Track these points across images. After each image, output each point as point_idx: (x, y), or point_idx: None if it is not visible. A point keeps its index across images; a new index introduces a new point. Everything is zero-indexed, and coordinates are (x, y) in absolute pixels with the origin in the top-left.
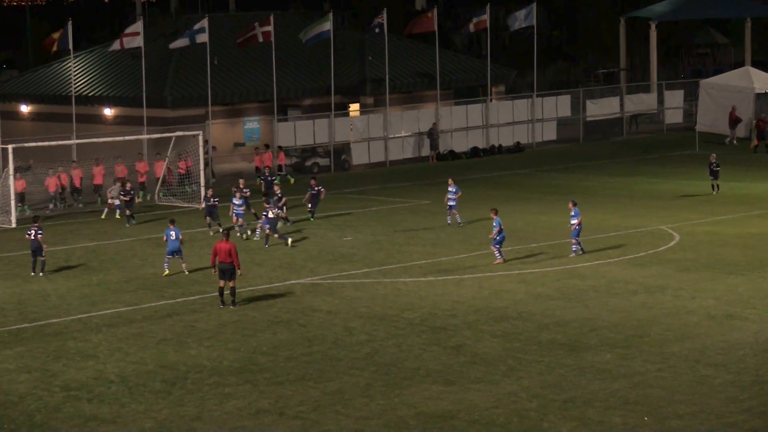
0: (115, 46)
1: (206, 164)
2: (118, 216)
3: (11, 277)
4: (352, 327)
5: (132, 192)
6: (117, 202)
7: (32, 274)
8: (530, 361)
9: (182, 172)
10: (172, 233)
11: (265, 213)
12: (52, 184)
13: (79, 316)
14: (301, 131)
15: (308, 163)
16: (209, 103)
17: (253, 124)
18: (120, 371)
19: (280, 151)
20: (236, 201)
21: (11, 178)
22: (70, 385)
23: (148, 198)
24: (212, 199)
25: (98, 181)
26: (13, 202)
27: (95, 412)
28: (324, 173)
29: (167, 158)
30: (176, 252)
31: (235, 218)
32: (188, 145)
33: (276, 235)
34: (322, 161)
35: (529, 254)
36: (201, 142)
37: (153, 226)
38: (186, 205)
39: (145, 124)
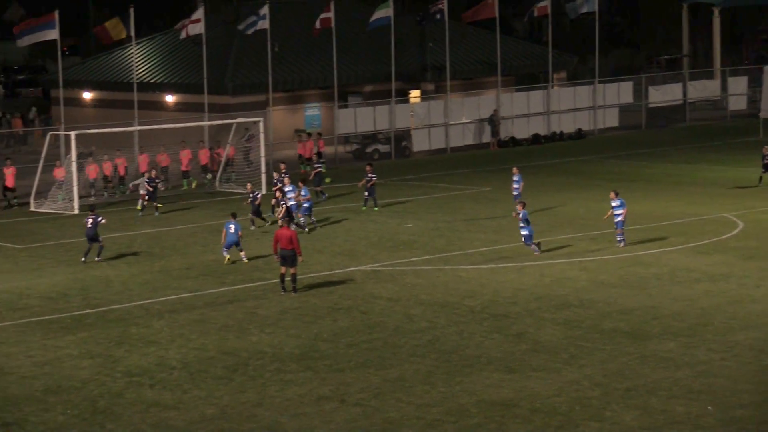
0: (183, 34)
1: (246, 153)
2: (138, 207)
3: (74, 263)
4: (413, 314)
5: (157, 181)
6: (143, 191)
7: (83, 259)
8: (592, 349)
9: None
10: (231, 227)
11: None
12: (92, 171)
13: (141, 302)
14: (361, 118)
15: (369, 149)
16: (270, 90)
17: (313, 110)
18: (182, 357)
19: (319, 138)
20: (287, 188)
21: (74, 164)
22: (133, 370)
23: (193, 186)
24: (251, 195)
25: (184, 166)
26: (75, 189)
27: (157, 398)
28: (384, 160)
29: (228, 145)
30: (235, 244)
31: (286, 210)
32: (229, 134)
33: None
34: (383, 148)
35: (592, 242)
36: (261, 129)
37: (214, 213)
38: (246, 192)
39: (206, 110)
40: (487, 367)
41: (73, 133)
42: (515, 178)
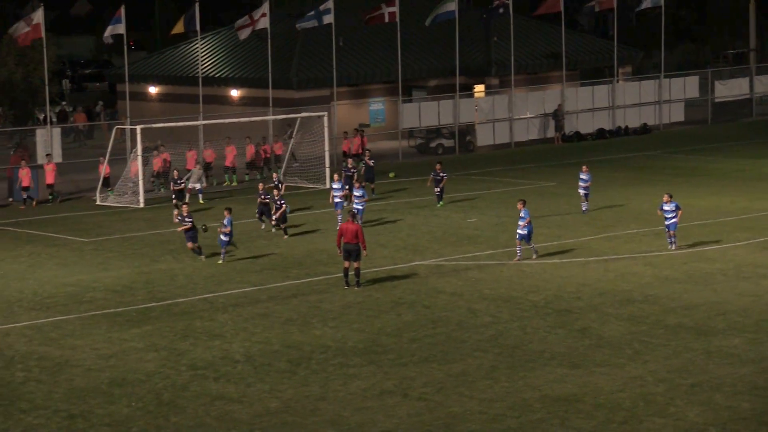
0: (244, 34)
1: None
2: (201, 201)
3: (139, 257)
4: (477, 309)
5: (180, 182)
6: (198, 186)
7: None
8: (657, 345)
9: (268, 155)
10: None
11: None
12: (157, 165)
13: (206, 295)
14: (425, 112)
15: (433, 144)
16: (334, 85)
17: (378, 105)
18: (246, 351)
19: (362, 135)
20: (335, 185)
21: (139, 158)
22: (197, 364)
23: (233, 183)
24: (262, 195)
25: (228, 162)
26: (141, 183)
27: (222, 391)
28: (448, 154)
29: (292, 139)
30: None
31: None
32: (288, 131)
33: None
34: (447, 142)
35: (656, 237)
36: (326, 124)
37: None
38: (311, 186)
39: (270, 105)
40: (550, 362)
41: (138, 127)
42: (584, 176)
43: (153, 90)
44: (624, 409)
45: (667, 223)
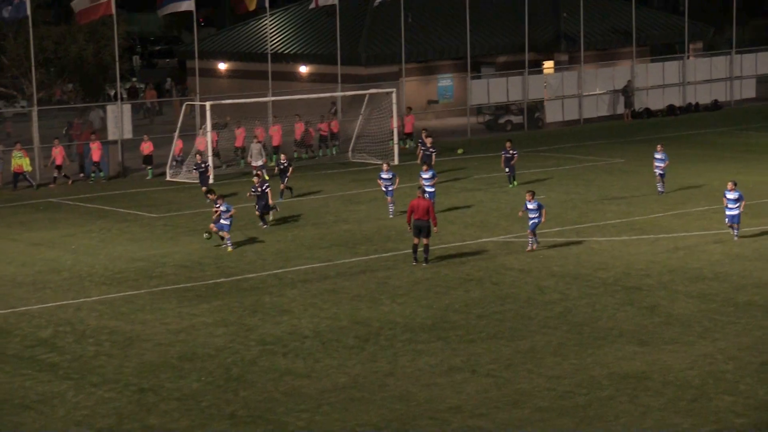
0: (311, 4)
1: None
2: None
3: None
4: (545, 286)
5: (204, 165)
6: (259, 162)
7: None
8: (726, 323)
9: (324, 133)
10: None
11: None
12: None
13: (275, 271)
14: (494, 89)
15: (501, 120)
16: (403, 61)
17: (446, 81)
18: (314, 326)
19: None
20: (384, 175)
21: (208, 134)
22: (266, 339)
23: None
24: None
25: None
26: (210, 159)
27: (290, 366)
28: (517, 131)
29: (360, 116)
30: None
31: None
32: (332, 108)
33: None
34: (516, 119)
35: None
36: (394, 100)
37: (346, 183)
38: (379, 162)
39: (339, 81)
40: (618, 339)
41: (208, 104)
42: (659, 156)
43: (222, 66)
44: (693, 386)
45: (729, 213)
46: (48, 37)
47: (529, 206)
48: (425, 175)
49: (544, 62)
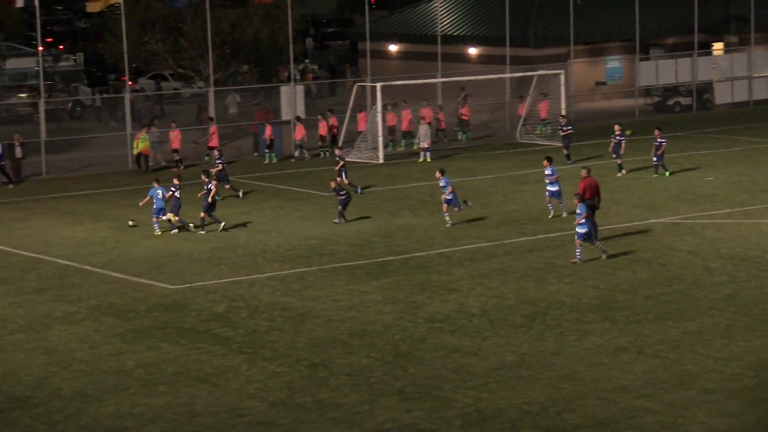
0: None
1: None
2: (428, 159)
3: (378, 211)
4: (713, 267)
5: (218, 162)
6: (425, 144)
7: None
8: None
9: (465, 118)
10: (159, 192)
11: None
12: (390, 121)
13: (443, 250)
14: (663, 70)
15: (670, 102)
16: (571, 42)
17: (614, 63)
18: (481, 305)
19: (545, 98)
20: (441, 182)
21: (379, 115)
22: (434, 317)
23: (399, 149)
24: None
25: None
26: (380, 139)
27: (457, 344)
28: (686, 113)
29: (529, 97)
30: (162, 211)
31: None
32: (461, 94)
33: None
34: (684, 101)
35: None
36: (562, 82)
37: (515, 163)
38: (547, 143)
39: (507, 63)
40: None
41: (378, 85)
42: None
43: (393, 48)
44: None
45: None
46: (224, 19)
47: (546, 172)
48: (547, 171)
49: (713, 44)
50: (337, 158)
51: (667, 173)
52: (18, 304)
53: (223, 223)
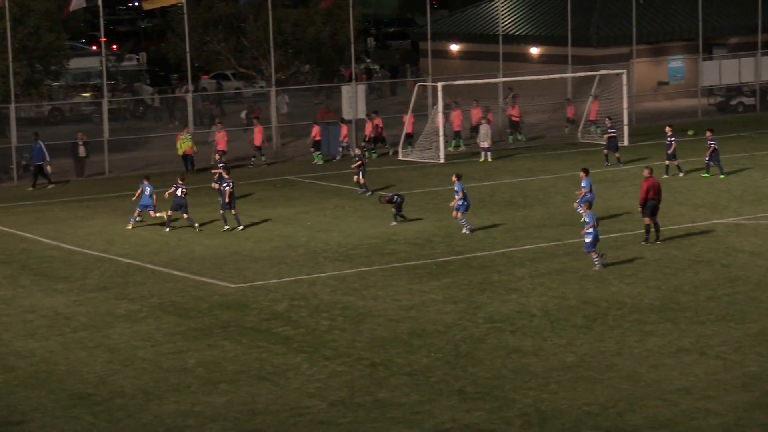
0: None
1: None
2: (489, 159)
3: (439, 211)
4: None
5: (220, 165)
6: (485, 144)
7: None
8: None
9: (516, 119)
10: (147, 189)
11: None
12: (456, 119)
13: (503, 250)
14: (726, 70)
15: (733, 102)
16: (633, 42)
17: (677, 62)
18: (542, 305)
19: (595, 99)
20: (456, 187)
21: (440, 115)
22: (494, 317)
23: (451, 149)
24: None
25: (516, 118)
26: (441, 138)
27: (518, 344)
28: (749, 113)
29: (591, 97)
30: (148, 207)
31: (456, 212)
32: (509, 94)
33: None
34: (748, 101)
35: None
36: (624, 81)
37: (575, 163)
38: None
39: (569, 62)
40: None
41: (439, 84)
42: None
43: (454, 48)
44: None
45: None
46: (286, 19)
47: (582, 183)
48: (583, 184)
49: None
50: (356, 157)
51: (722, 176)
52: (81, 302)
53: (197, 225)
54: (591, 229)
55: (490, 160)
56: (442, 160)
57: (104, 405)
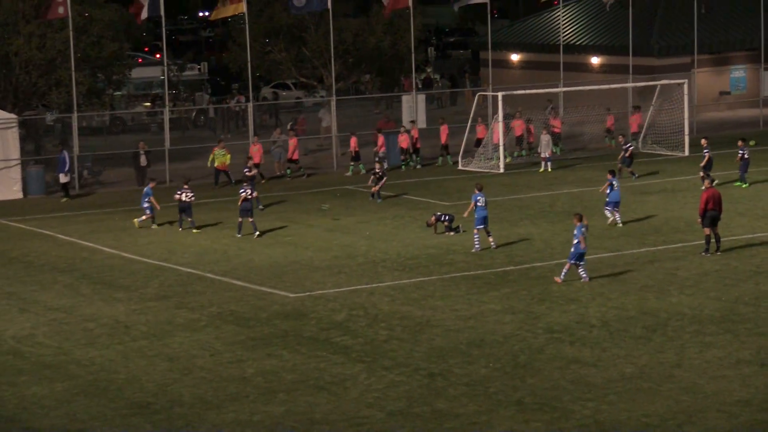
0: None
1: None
2: (549, 169)
3: (498, 221)
4: None
5: (246, 171)
6: (546, 154)
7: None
8: None
9: (557, 130)
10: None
11: None
12: (518, 128)
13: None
14: None
15: None
16: (695, 52)
17: (739, 72)
18: (601, 316)
19: (637, 110)
20: (477, 196)
21: (500, 125)
22: (553, 327)
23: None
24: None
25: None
26: (501, 148)
27: (577, 354)
28: None
29: (651, 107)
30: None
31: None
32: (548, 107)
33: None
34: None
35: None
36: (685, 91)
37: (637, 173)
38: (669, 153)
39: (630, 72)
40: None
41: (500, 94)
42: None
43: (514, 57)
44: None
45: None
46: (347, 29)
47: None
48: (614, 181)
49: None
50: (379, 172)
51: (744, 185)
52: (141, 311)
53: (195, 229)
54: (577, 242)
55: (549, 170)
56: (501, 170)
57: (163, 414)
